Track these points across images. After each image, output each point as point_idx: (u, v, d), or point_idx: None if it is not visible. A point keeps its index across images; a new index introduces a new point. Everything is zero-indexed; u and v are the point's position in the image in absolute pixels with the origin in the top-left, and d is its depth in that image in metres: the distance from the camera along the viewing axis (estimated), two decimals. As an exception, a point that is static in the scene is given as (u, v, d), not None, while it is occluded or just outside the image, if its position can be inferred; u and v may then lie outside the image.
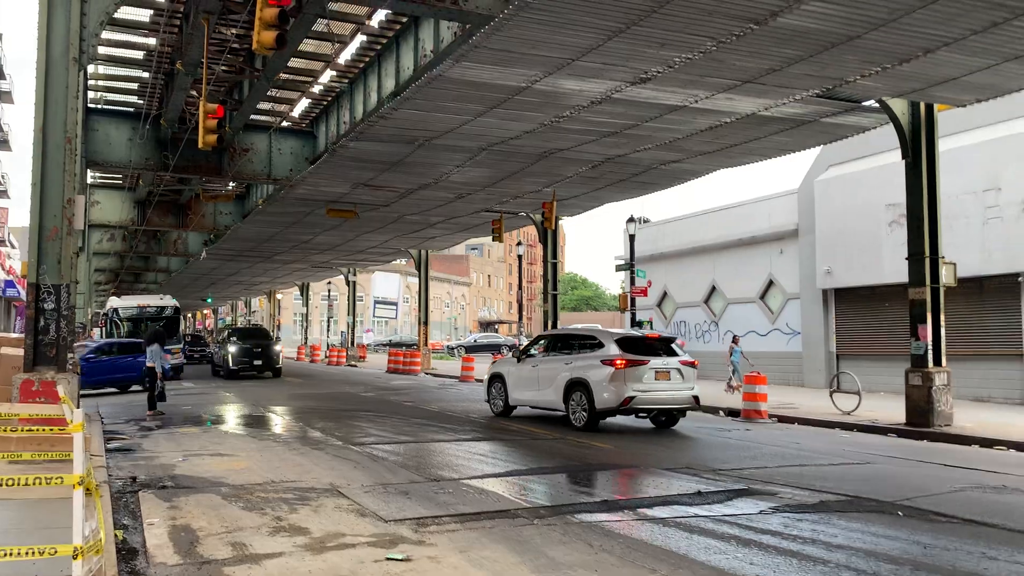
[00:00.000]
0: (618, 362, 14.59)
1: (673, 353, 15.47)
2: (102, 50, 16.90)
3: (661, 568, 5.97)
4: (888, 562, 6.22)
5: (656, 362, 14.86)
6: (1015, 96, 14.92)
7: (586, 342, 15.94)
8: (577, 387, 15.10)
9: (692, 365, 15.37)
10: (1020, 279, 20.69)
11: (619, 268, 29.29)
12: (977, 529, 7.41)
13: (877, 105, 15.73)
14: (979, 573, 6.04)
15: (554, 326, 27.97)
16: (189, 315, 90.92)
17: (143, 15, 15.68)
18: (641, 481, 10.12)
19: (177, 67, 16.07)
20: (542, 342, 17.57)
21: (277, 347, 32.41)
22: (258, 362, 31.20)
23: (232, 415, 17.44)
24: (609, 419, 15.72)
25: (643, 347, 15.20)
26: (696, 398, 15.18)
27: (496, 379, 17.70)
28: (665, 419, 15.67)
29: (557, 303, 28.94)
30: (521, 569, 5.90)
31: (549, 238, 28.46)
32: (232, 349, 31.00)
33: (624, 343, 15.09)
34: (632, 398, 14.45)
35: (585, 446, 12.91)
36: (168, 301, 34.33)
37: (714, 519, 7.63)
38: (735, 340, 24.75)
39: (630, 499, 8.81)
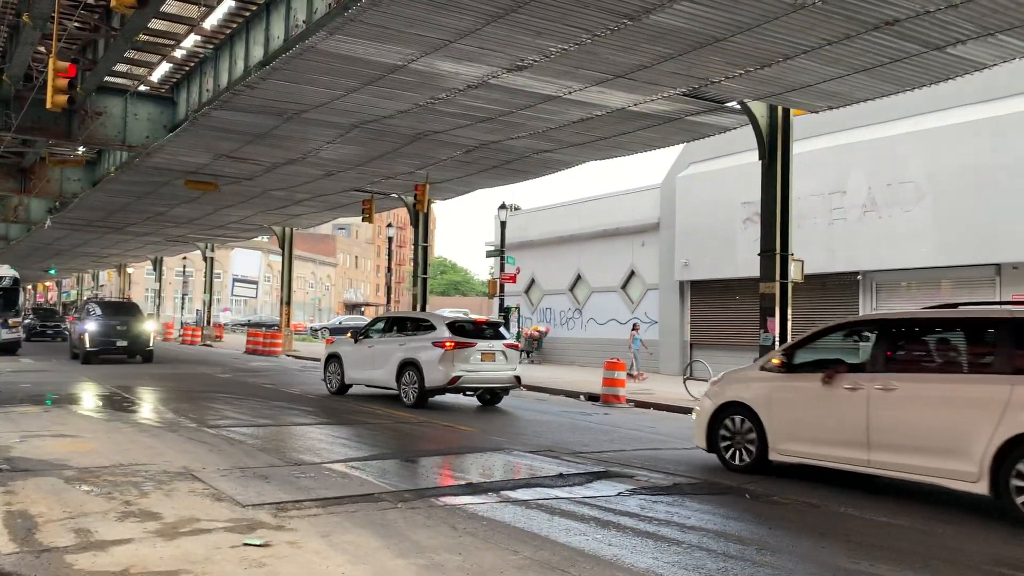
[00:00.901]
0: (447, 344, 15.49)
1: (500, 336, 16.62)
2: (-65, -6, 15.46)
3: (523, 549, 6.06)
4: (736, 542, 6.55)
5: (483, 344, 15.87)
6: (861, 106, 15.99)
7: (420, 325, 16.64)
8: (409, 367, 15.85)
9: (515, 348, 16.75)
10: (859, 277, 22.22)
11: (490, 254, 29.49)
12: (815, 512, 7.92)
13: (739, 107, 16.45)
14: (815, 555, 6.45)
15: (423, 309, 27.87)
16: (30, 287, 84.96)
17: (-15, -40, 14.44)
18: (505, 464, 10.25)
19: (24, 19, 14.89)
20: (380, 324, 18.05)
21: (148, 326, 27.86)
22: (123, 343, 26.34)
23: (77, 394, 16.43)
24: (445, 397, 16.59)
25: (472, 331, 16.14)
26: (518, 378, 16.45)
27: (333, 359, 18.05)
28: (490, 397, 16.76)
29: (427, 287, 28.83)
30: (384, 553, 5.85)
31: (420, 221, 28.27)
32: (91, 327, 25.93)
33: (455, 327, 15.97)
34: (459, 377, 15.42)
35: (450, 429, 12.96)
36: (6, 271, 31.72)
37: (575, 501, 7.82)
38: (635, 328, 25.36)
39: (493, 481, 8.90)
